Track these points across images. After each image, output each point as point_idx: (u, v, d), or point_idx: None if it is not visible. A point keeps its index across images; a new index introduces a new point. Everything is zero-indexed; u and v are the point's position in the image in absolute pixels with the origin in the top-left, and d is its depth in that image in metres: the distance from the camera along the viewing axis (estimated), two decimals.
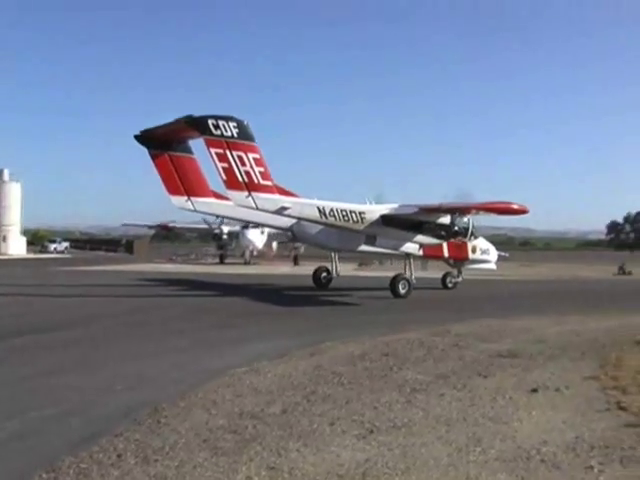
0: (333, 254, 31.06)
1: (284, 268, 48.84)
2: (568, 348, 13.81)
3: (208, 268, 50.50)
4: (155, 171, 27.15)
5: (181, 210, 28.40)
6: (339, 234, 27.03)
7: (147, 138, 27.05)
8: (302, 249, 53.26)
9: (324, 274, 31.40)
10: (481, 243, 31.16)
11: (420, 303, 25.28)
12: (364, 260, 49.21)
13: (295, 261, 54.16)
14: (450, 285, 31.42)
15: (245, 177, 23.55)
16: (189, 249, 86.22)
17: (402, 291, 26.43)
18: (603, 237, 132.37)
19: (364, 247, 27.41)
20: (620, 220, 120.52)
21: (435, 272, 34.27)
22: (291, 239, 30.88)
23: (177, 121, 24.78)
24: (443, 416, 8.50)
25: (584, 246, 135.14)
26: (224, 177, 23.62)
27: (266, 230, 50.68)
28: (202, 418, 8.39)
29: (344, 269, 34.45)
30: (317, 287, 30.62)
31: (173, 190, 27.25)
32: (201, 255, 72.92)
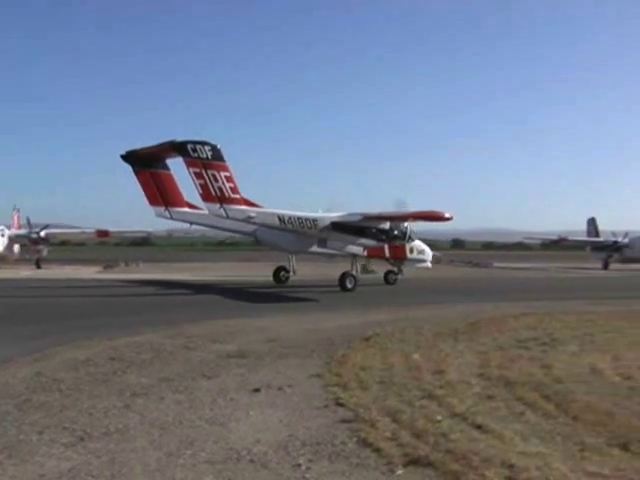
0: (290, 255, 37.06)
1: (26, 272, 46.71)
2: (298, 347, 14.56)
3: None
4: (138, 185, 34.09)
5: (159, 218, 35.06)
6: (296, 238, 33.44)
7: (131, 157, 34.05)
8: (45, 252, 53.59)
9: (282, 272, 37.44)
10: (417, 245, 38.33)
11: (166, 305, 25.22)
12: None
13: (38, 264, 52.64)
14: (392, 281, 37.56)
15: (218, 192, 30.05)
16: None
17: (349, 285, 32.52)
18: None
19: (317, 249, 34.26)
20: None
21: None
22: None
23: (160, 144, 31.62)
24: (159, 420, 8.64)
25: None
26: (201, 191, 30.26)
27: (6, 233, 51.27)
28: None
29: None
30: (277, 284, 36.44)
31: (153, 201, 34.21)
32: None
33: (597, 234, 70.57)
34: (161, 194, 34.15)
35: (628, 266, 62.35)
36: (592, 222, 72.47)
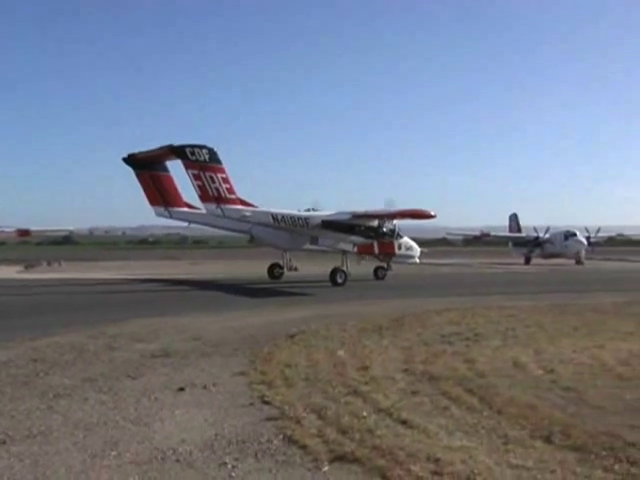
0: (284, 252, 38.47)
1: None
2: (223, 345, 14.68)
3: None
4: (139, 186, 36.63)
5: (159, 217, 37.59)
6: (289, 236, 35.68)
7: (132, 160, 36.37)
8: None
9: (277, 269, 38.82)
10: (405, 242, 40.06)
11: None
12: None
13: None
14: (381, 276, 39.31)
15: (215, 192, 33.08)
16: None
17: (339, 280, 34.46)
18: None
19: (309, 246, 36.46)
20: None
21: None
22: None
23: (160, 148, 34.30)
24: (83, 421, 8.64)
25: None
26: (199, 192, 33.33)
27: None
28: None
29: None
30: (271, 279, 37.79)
31: (153, 201, 36.78)
32: None
33: (519, 230, 72.25)
34: (161, 195, 36.68)
35: (549, 261, 64.23)
36: (514, 218, 74.27)
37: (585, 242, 64.08)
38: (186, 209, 37.50)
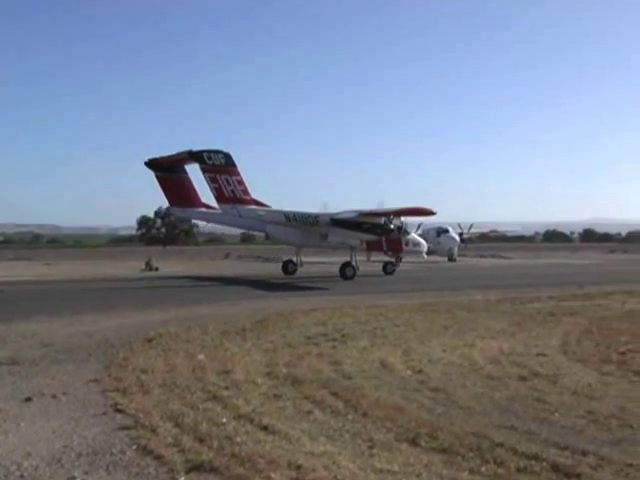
0: (296, 249, 43.10)
1: None
2: (75, 351, 14.43)
3: None
4: (160, 188, 41.78)
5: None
6: (301, 234, 40.43)
7: (153, 164, 41.52)
8: None
9: (291, 265, 43.61)
10: (413, 238, 46.17)
11: None
12: None
13: None
14: (390, 271, 44.17)
15: (231, 194, 38.00)
16: None
17: (349, 274, 39.16)
18: (134, 232, 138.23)
19: (319, 242, 40.90)
20: (151, 215, 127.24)
21: None
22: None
23: (179, 153, 39.54)
24: None
25: (116, 242, 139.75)
26: (215, 194, 38.30)
27: None
28: None
29: None
30: (286, 275, 42.39)
31: (173, 202, 42.25)
32: None
33: None
34: (180, 196, 41.63)
35: (420, 258, 65.54)
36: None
37: (458, 238, 66.06)
38: (204, 209, 42.61)
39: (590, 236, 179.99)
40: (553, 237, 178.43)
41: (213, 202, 40.10)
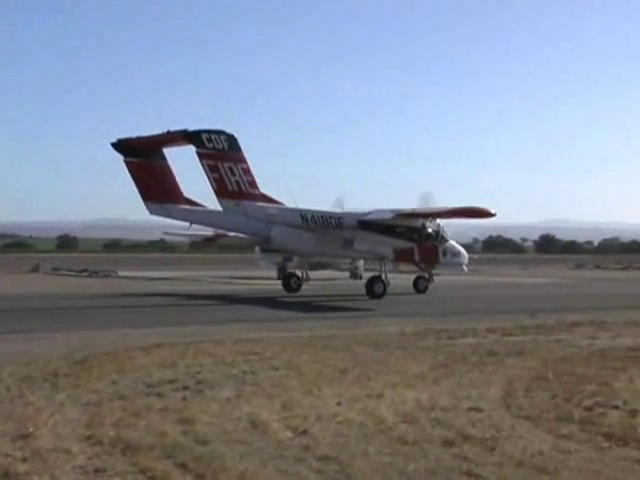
0: (299, 260, 48.01)
1: None
2: None
3: None
4: (130, 177, 43.55)
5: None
6: (316, 239, 42.70)
7: (124, 147, 43.32)
8: None
9: (294, 279, 48.48)
10: (451, 246, 49.22)
11: None
12: None
13: None
14: (422, 288, 48.31)
15: (235, 186, 40.35)
16: None
17: (377, 292, 42.61)
18: None
19: (340, 251, 44.22)
20: None
21: None
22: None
23: (168, 133, 41.24)
24: None
25: None
26: (215, 186, 40.71)
27: None
28: None
29: None
30: (287, 292, 46.91)
31: (147, 196, 43.35)
32: None
33: None
34: (157, 189, 43.15)
35: (315, 274, 65.15)
36: None
37: None
38: (188, 207, 44.24)
39: (549, 244, 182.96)
40: (497, 246, 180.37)
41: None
